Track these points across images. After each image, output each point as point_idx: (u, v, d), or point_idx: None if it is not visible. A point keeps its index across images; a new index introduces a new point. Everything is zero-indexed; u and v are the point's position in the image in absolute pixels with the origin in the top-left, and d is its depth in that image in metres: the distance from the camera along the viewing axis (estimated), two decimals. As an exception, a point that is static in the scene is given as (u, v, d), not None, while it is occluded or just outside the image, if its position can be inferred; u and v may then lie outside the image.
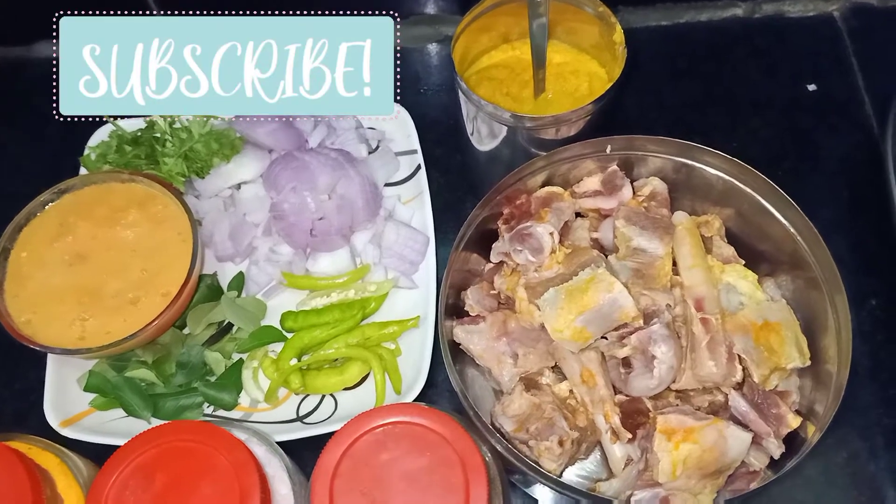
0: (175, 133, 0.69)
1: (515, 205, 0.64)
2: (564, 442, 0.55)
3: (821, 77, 0.81)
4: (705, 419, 0.53)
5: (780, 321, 0.58)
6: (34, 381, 0.66)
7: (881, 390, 0.66)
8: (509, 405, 0.58)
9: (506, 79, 0.69)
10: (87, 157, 0.71)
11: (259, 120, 0.70)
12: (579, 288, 0.57)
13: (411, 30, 0.84)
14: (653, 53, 0.82)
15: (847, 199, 0.74)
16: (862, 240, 0.72)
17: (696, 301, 0.58)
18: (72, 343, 0.61)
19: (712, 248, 0.63)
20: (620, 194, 0.64)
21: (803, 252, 0.59)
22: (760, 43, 0.83)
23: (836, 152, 0.77)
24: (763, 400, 0.56)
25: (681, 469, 0.51)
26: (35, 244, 0.64)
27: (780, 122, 0.79)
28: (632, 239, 0.61)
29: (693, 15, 0.84)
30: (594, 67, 0.71)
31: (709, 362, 0.55)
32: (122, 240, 0.64)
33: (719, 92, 0.80)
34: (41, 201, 0.65)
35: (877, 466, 0.63)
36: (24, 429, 0.58)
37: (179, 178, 0.69)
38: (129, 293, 0.62)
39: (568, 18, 0.69)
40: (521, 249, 0.61)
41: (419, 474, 0.46)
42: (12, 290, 0.62)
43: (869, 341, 0.67)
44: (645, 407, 0.57)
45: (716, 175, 0.63)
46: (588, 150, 0.63)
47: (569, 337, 0.57)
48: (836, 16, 0.84)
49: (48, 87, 0.83)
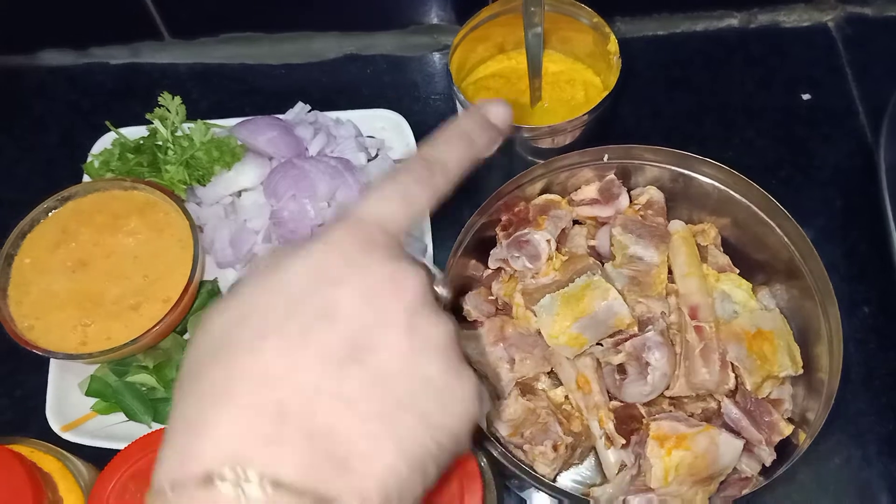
0: (177, 141, 0.70)
1: (513, 212, 0.65)
2: (559, 447, 0.55)
3: (815, 86, 0.81)
4: (698, 426, 0.54)
5: (773, 330, 0.58)
6: (36, 386, 0.66)
7: (874, 398, 0.66)
8: (505, 410, 0.58)
9: (502, 88, 0.70)
10: (90, 165, 0.72)
11: (260, 128, 0.70)
12: (575, 295, 0.58)
13: (410, 39, 0.85)
14: (649, 63, 0.83)
15: (841, 208, 0.75)
16: (855, 248, 0.72)
17: (691, 309, 0.59)
18: (74, 348, 0.61)
19: (708, 257, 0.64)
20: (617, 203, 0.65)
21: (797, 262, 0.60)
22: (755, 53, 0.84)
23: (830, 161, 0.77)
24: (755, 407, 0.57)
25: (673, 475, 0.52)
26: (38, 251, 0.65)
27: (775, 132, 0.79)
28: (628, 247, 0.62)
29: (689, 25, 0.85)
30: (590, 76, 0.71)
31: (702, 370, 0.56)
32: (123, 246, 0.65)
33: (715, 101, 0.81)
34: (45, 208, 0.66)
35: (869, 473, 0.64)
36: (26, 433, 0.59)
37: (181, 185, 0.69)
38: (130, 299, 0.63)
39: (563, 28, 0.70)
40: (518, 256, 0.62)
41: (415, 479, 0.47)
42: (15, 297, 0.63)
43: (861, 349, 0.68)
44: (639, 413, 0.57)
45: (712, 185, 0.63)
46: (585, 158, 0.64)
47: (564, 343, 0.57)
48: (831, 26, 0.85)
49: (48, 95, 0.85)
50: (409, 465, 0.32)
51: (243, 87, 0.84)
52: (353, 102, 0.78)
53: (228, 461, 0.28)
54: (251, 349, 0.31)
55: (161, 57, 0.85)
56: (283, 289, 0.33)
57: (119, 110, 0.77)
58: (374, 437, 0.31)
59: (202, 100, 0.82)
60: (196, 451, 0.29)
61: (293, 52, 0.85)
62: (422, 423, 0.33)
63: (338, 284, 0.33)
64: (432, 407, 0.33)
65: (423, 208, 0.38)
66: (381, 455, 0.31)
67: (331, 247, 0.34)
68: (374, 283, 0.33)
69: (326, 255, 0.34)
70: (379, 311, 0.33)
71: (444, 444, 0.33)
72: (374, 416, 0.31)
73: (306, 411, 0.30)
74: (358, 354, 0.32)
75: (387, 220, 0.36)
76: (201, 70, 0.85)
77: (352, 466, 0.30)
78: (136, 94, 0.81)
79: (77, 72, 0.86)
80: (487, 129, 0.43)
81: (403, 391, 0.32)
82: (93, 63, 0.86)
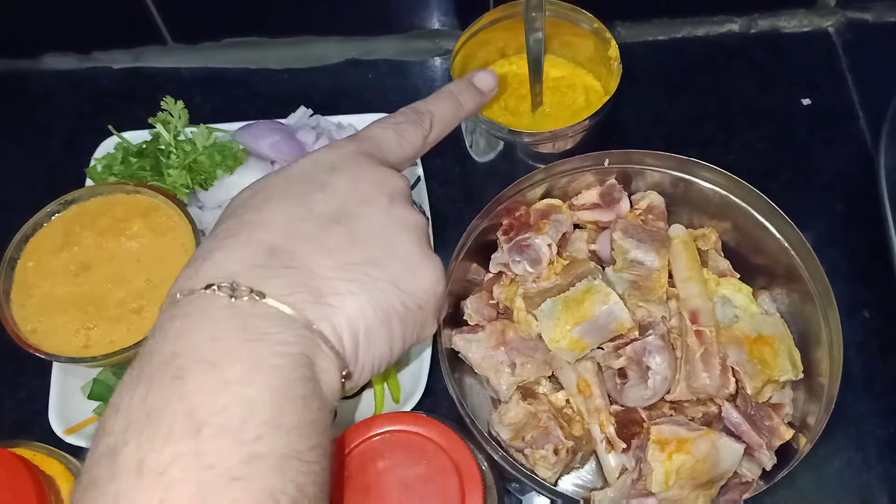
0: (179, 145, 0.70)
1: (515, 216, 0.65)
2: (560, 451, 0.55)
3: (816, 91, 0.82)
4: (698, 430, 0.54)
5: (773, 334, 0.59)
6: (38, 389, 0.66)
7: (874, 401, 0.67)
8: (506, 413, 0.59)
9: (503, 93, 0.70)
10: (93, 169, 0.72)
11: (262, 132, 0.71)
12: (576, 299, 0.58)
13: (412, 44, 0.85)
14: (649, 68, 0.83)
15: (841, 212, 0.75)
16: (855, 251, 0.73)
17: (692, 313, 0.59)
18: (76, 352, 0.61)
19: (708, 262, 0.64)
20: (618, 207, 0.65)
21: (797, 266, 0.60)
22: (756, 57, 0.84)
23: (831, 165, 0.77)
24: (756, 412, 0.57)
25: (674, 479, 0.52)
26: (41, 254, 0.65)
27: (775, 136, 0.79)
28: (629, 251, 0.62)
29: (689, 30, 0.85)
30: (590, 81, 0.72)
31: (703, 374, 0.56)
32: (126, 250, 0.65)
33: (715, 106, 0.81)
34: (48, 212, 0.66)
35: (869, 476, 0.64)
36: (29, 436, 0.59)
37: (184, 189, 0.70)
38: (132, 302, 0.63)
39: (564, 33, 0.70)
40: (519, 260, 0.62)
41: (415, 482, 0.47)
42: (19, 300, 0.63)
43: (862, 352, 0.68)
44: (640, 417, 0.58)
45: (712, 189, 0.64)
46: (587, 163, 0.64)
47: (565, 347, 0.57)
48: (832, 31, 0.85)
49: (51, 99, 0.85)
50: (376, 313, 0.39)
51: (246, 91, 0.84)
52: (355, 107, 0.78)
53: (226, 278, 0.36)
54: (257, 207, 0.40)
55: (164, 61, 0.86)
56: (290, 173, 0.42)
57: (122, 114, 0.78)
58: (348, 281, 0.38)
59: (205, 104, 0.82)
60: (202, 271, 0.37)
61: (295, 56, 0.85)
62: (390, 281, 0.39)
63: (333, 171, 0.42)
64: (401, 273, 0.40)
65: (414, 146, 0.47)
66: (353, 297, 0.38)
67: (333, 149, 0.43)
68: (364, 174, 0.42)
69: (328, 152, 0.43)
70: (364, 193, 0.41)
71: (409, 307, 0.40)
72: (349, 266, 0.39)
73: (293, 251, 0.38)
74: (342, 218, 0.40)
75: (382, 142, 0.45)
76: (204, 74, 0.85)
77: (326, 300, 0.37)
78: (139, 98, 0.81)
79: (80, 76, 0.86)
80: (472, 92, 0.53)
81: (378, 252, 0.40)
82: (96, 67, 0.86)
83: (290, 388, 0.34)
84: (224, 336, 0.34)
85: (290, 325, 0.35)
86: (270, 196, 0.40)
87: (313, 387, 0.35)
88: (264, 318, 0.35)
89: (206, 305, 0.35)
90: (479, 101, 0.54)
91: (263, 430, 0.32)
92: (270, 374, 0.33)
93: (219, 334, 0.34)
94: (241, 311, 0.35)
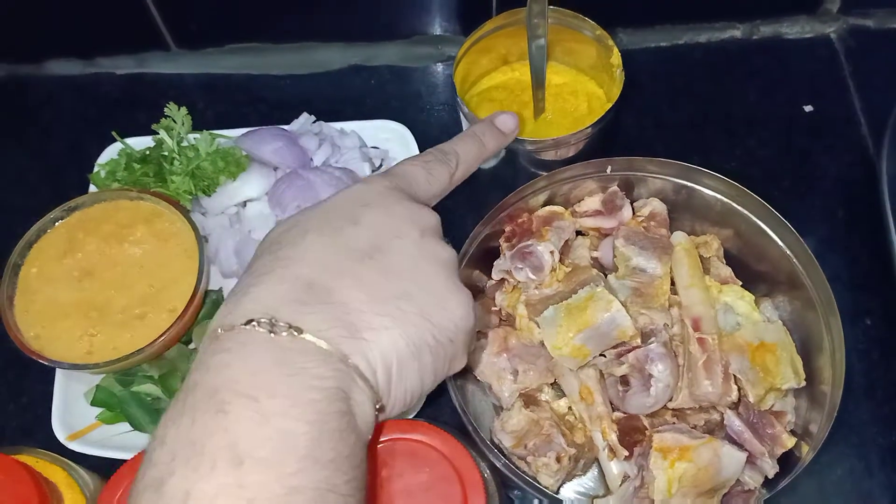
0: (182, 151, 0.70)
1: (517, 223, 0.65)
2: (562, 458, 0.55)
3: (818, 98, 0.82)
4: (700, 438, 0.54)
5: (775, 342, 0.59)
6: (41, 395, 0.67)
7: (876, 408, 0.66)
8: (508, 421, 0.59)
9: (505, 100, 0.71)
10: (96, 175, 0.72)
11: (265, 139, 0.71)
12: (578, 306, 0.58)
13: (414, 50, 0.85)
14: (652, 74, 0.83)
15: (843, 218, 0.75)
16: (857, 258, 0.72)
17: (694, 321, 0.59)
18: (79, 358, 0.61)
19: (710, 269, 0.64)
20: (620, 214, 0.65)
21: (799, 273, 0.60)
22: (758, 64, 0.84)
23: (832, 172, 0.77)
24: (758, 420, 0.57)
25: (676, 487, 0.52)
26: (44, 260, 0.65)
27: (777, 142, 0.79)
28: (631, 258, 0.62)
29: (691, 36, 0.86)
30: (593, 88, 0.72)
31: (705, 381, 0.56)
32: (129, 256, 0.65)
33: (717, 112, 0.81)
34: (51, 218, 0.66)
35: (871, 484, 0.64)
36: (32, 442, 0.59)
37: (186, 195, 0.70)
38: (136, 309, 0.63)
39: (566, 40, 0.70)
40: (522, 267, 0.62)
41: (418, 490, 0.47)
42: (22, 306, 0.63)
43: (864, 359, 0.68)
44: (642, 425, 0.58)
45: (714, 196, 0.64)
46: (589, 170, 0.64)
47: (568, 354, 0.57)
48: (834, 38, 0.86)
49: (55, 105, 0.85)
50: (409, 346, 0.39)
51: (248, 97, 0.84)
52: (358, 113, 0.78)
53: (265, 314, 0.37)
54: (293, 242, 0.41)
55: (167, 67, 0.86)
56: (325, 207, 0.44)
57: (125, 120, 0.78)
58: (382, 315, 0.39)
59: (208, 110, 0.82)
60: (241, 307, 0.38)
61: (298, 62, 0.85)
62: (422, 316, 0.40)
63: (366, 206, 0.43)
64: (432, 307, 0.41)
65: (441, 184, 0.50)
66: (387, 331, 0.39)
67: (365, 184, 0.45)
68: (396, 209, 0.44)
69: (361, 188, 0.45)
70: (396, 227, 0.43)
71: (440, 340, 0.41)
72: (383, 300, 0.39)
73: (330, 287, 0.39)
74: (375, 253, 0.41)
75: (412, 179, 0.47)
76: (207, 80, 0.85)
77: (361, 334, 0.38)
78: (142, 105, 0.81)
79: (84, 82, 0.86)
80: (495, 134, 0.56)
81: (410, 286, 0.41)
82: (99, 73, 0.86)
83: (326, 421, 0.35)
84: (264, 370, 0.35)
85: (326, 359, 0.36)
86: (306, 231, 0.42)
87: (349, 420, 0.36)
88: (302, 353, 0.36)
89: (247, 340, 0.36)
90: (501, 142, 0.57)
91: (302, 464, 0.33)
92: (308, 408, 0.34)
93: (258, 369, 0.35)
94: (279, 346, 0.36)
